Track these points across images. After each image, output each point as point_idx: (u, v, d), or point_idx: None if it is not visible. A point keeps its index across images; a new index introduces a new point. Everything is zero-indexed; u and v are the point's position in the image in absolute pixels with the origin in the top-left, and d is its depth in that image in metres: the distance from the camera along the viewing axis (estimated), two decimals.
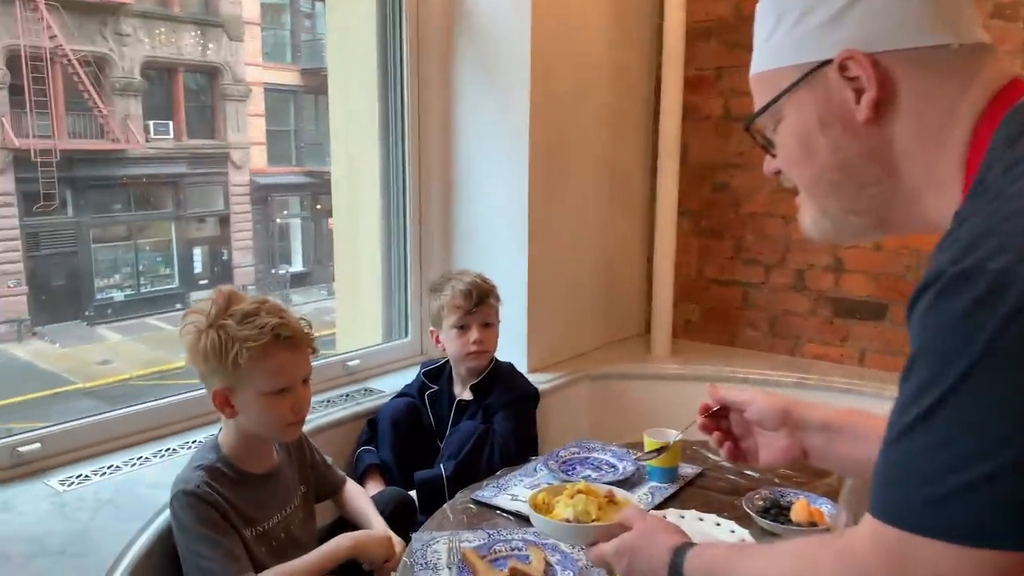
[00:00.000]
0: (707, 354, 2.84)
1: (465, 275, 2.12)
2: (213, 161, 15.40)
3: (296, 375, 1.52)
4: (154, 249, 15.45)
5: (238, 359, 1.42)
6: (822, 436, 1.07)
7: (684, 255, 2.90)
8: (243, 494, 1.52)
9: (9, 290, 12.89)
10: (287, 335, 1.47)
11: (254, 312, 1.47)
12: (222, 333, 1.43)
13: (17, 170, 12.40)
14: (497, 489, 1.74)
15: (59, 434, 1.77)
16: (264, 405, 1.48)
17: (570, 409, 2.55)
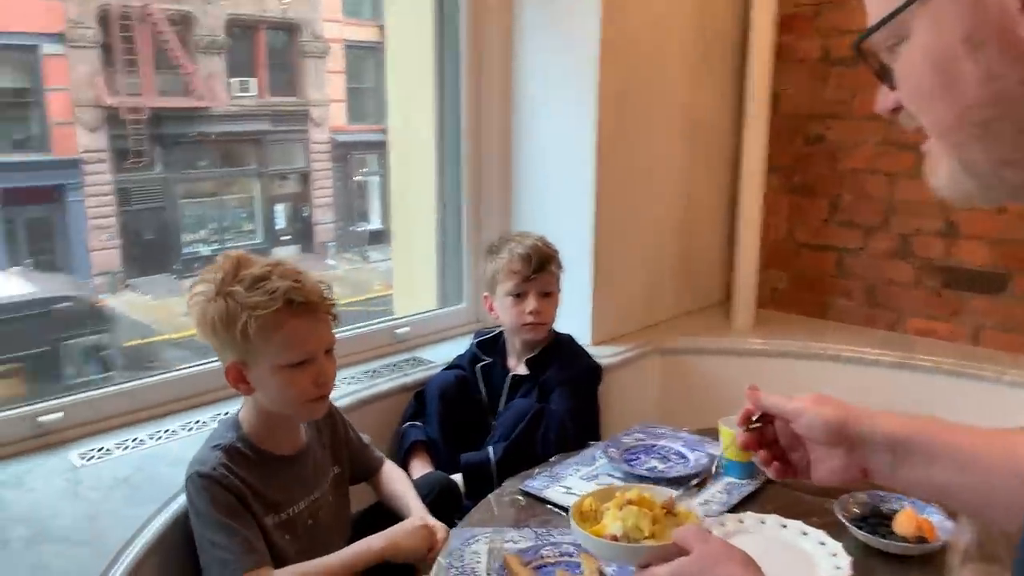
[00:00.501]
0: (794, 327, 2.56)
1: (526, 238, 1.91)
2: (294, 119, 15.55)
3: (315, 345, 1.35)
4: (238, 205, 15.76)
5: (247, 329, 1.27)
6: (887, 456, 0.86)
7: (772, 216, 2.62)
8: (265, 477, 1.37)
9: (103, 243, 13.39)
10: (300, 300, 1.31)
11: (264, 276, 1.30)
12: (230, 301, 1.29)
13: (109, 127, 12.75)
14: (550, 479, 1.55)
15: (82, 404, 1.65)
16: (281, 380, 1.33)
17: (637, 387, 2.32)
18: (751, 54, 2.41)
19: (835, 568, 1.25)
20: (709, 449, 1.68)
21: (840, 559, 1.27)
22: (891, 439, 0.85)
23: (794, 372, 2.34)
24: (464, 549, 1.32)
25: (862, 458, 0.87)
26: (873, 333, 2.50)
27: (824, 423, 0.88)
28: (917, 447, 0.83)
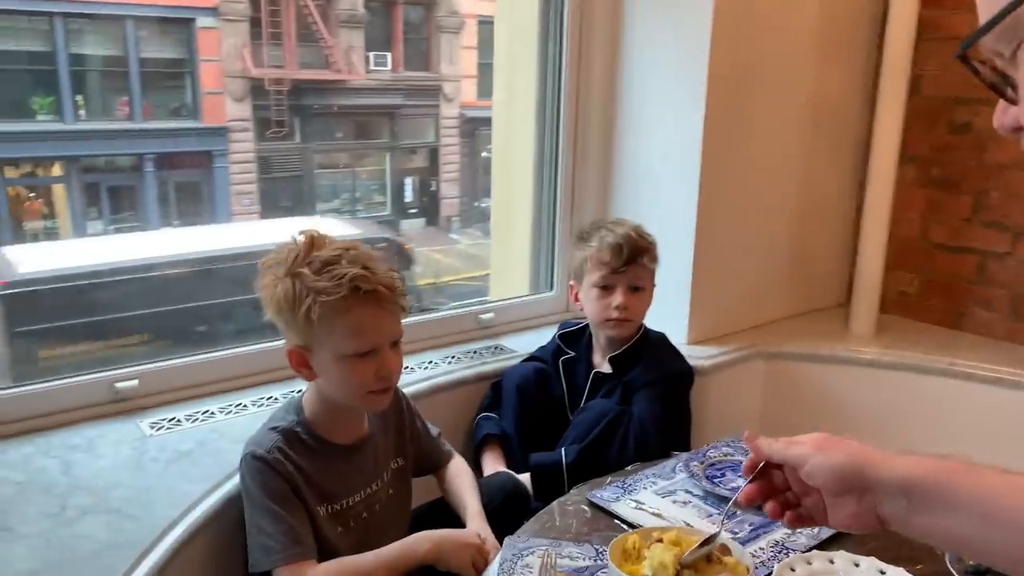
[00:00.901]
0: (921, 336, 2.30)
1: (619, 226, 1.77)
2: (426, 93, 15.83)
3: (380, 336, 1.29)
4: (369, 178, 16.25)
5: (311, 314, 1.22)
6: (902, 503, 0.77)
7: (904, 211, 2.35)
8: (321, 466, 1.32)
9: (244, 208, 14.11)
10: (368, 289, 1.24)
11: (334, 260, 1.25)
12: (297, 283, 1.23)
13: (254, 98, 13.37)
14: (620, 490, 1.43)
15: (157, 372, 1.66)
16: (343, 370, 1.27)
17: (736, 395, 2.14)
18: (889, 29, 2.15)
19: None
20: None
21: None
22: (905, 483, 0.76)
23: (917, 388, 2.09)
24: (516, 562, 1.22)
25: (875, 506, 0.79)
26: (1016, 350, 2.20)
27: (831, 470, 0.81)
28: (935, 493, 0.74)
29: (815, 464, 0.83)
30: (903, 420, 2.10)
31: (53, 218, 12.39)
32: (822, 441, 0.85)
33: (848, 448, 0.82)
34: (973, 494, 0.73)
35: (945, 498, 0.74)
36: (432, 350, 2.00)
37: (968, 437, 2.00)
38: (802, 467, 0.84)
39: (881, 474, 0.78)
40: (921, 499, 0.75)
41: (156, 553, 1.19)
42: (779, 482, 0.89)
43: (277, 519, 1.24)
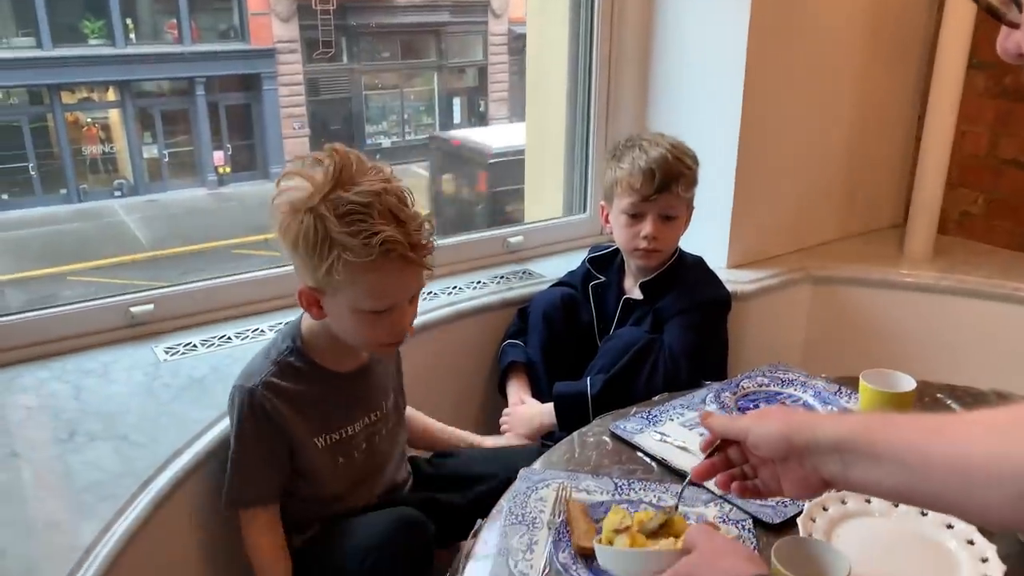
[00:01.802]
0: (983, 260, 2.13)
1: (656, 144, 1.62)
2: (473, 9, 15.49)
3: (402, 295, 1.20)
4: (417, 98, 16.13)
5: (333, 268, 1.11)
6: (837, 461, 0.79)
7: (971, 123, 2.16)
8: (319, 394, 1.26)
9: (294, 132, 14.13)
10: (401, 253, 1.12)
11: (364, 210, 1.10)
12: (319, 226, 1.10)
13: (300, 18, 13.21)
14: (645, 421, 1.36)
15: (173, 297, 1.63)
16: (356, 322, 1.19)
17: (779, 321, 2.02)
18: None
19: None
20: (846, 404, 1.41)
21: (992, 567, 1.00)
22: (834, 443, 0.79)
23: (978, 315, 1.95)
24: (530, 494, 1.17)
25: (815, 467, 0.81)
26: None
27: (768, 438, 0.85)
28: (862, 448, 0.77)
29: (755, 434, 0.85)
30: (959, 349, 1.97)
31: (110, 142, 12.60)
32: (761, 413, 0.90)
33: (782, 415, 0.86)
34: (892, 445, 0.75)
35: (869, 453, 0.76)
36: (458, 275, 1.93)
37: None
38: (747, 438, 0.87)
39: (815, 436, 0.80)
40: (851, 456, 0.78)
41: (159, 481, 1.17)
42: (737, 458, 0.92)
43: (240, 458, 1.22)
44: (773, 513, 1.12)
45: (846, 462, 0.78)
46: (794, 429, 0.82)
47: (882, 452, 0.75)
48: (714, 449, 0.93)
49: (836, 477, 0.80)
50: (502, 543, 1.06)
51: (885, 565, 1.02)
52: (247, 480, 1.22)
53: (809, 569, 0.90)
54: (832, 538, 1.07)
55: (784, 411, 0.90)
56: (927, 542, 1.07)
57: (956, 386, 1.47)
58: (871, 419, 0.82)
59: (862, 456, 0.77)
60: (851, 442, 0.78)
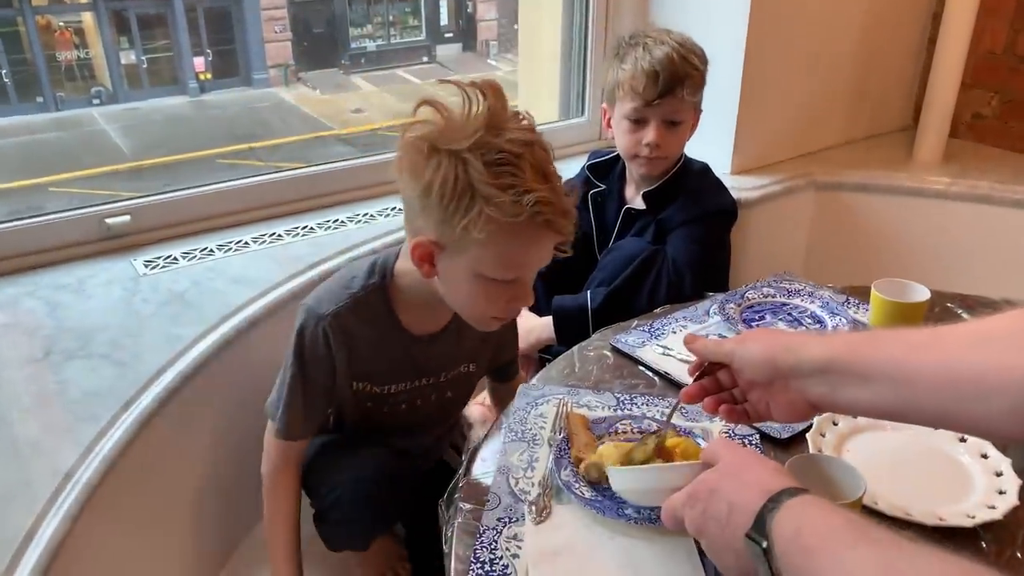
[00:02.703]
0: (995, 164, 2.06)
1: (661, 43, 1.50)
2: None
3: (534, 265, 1.05)
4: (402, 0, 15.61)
5: (472, 225, 0.94)
6: (823, 383, 0.77)
7: (988, 18, 2.05)
8: (375, 346, 1.15)
9: (276, 35, 13.67)
10: (549, 218, 0.97)
11: (516, 161, 0.94)
12: (461, 173, 0.94)
13: None
14: (647, 334, 1.31)
15: (151, 207, 1.54)
16: (475, 289, 1.03)
17: (782, 230, 1.96)
18: None
19: (997, 492, 0.96)
20: (854, 314, 1.36)
21: (1006, 481, 0.97)
22: (819, 364, 0.77)
23: (988, 222, 1.89)
24: (529, 411, 1.12)
25: (801, 391, 0.79)
26: None
27: (752, 362, 0.82)
28: (848, 368, 0.75)
29: (739, 358, 0.83)
30: (968, 257, 1.91)
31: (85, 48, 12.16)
32: (746, 335, 0.86)
33: (767, 338, 0.83)
34: (879, 363, 0.73)
35: (857, 372, 0.74)
36: None
37: None
38: (732, 362, 0.85)
39: (800, 358, 0.78)
40: (839, 377, 0.75)
41: (142, 402, 1.11)
42: (727, 381, 0.89)
43: (290, 390, 1.13)
44: (781, 428, 1.08)
45: (832, 384, 0.76)
46: (778, 352, 0.80)
47: (869, 371, 0.73)
48: (703, 372, 0.90)
49: (823, 399, 0.77)
50: (502, 460, 1.02)
51: (897, 479, 0.99)
52: (293, 414, 1.14)
53: (824, 487, 0.86)
54: (842, 453, 1.04)
55: (768, 333, 0.88)
56: (939, 455, 1.03)
57: (967, 295, 1.42)
58: (856, 338, 0.79)
59: (848, 376, 0.74)
60: (836, 362, 0.75)
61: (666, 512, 0.76)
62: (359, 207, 1.73)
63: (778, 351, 0.80)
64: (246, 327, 1.31)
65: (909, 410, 0.72)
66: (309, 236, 1.59)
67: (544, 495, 0.96)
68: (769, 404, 0.83)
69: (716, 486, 0.71)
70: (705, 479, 0.73)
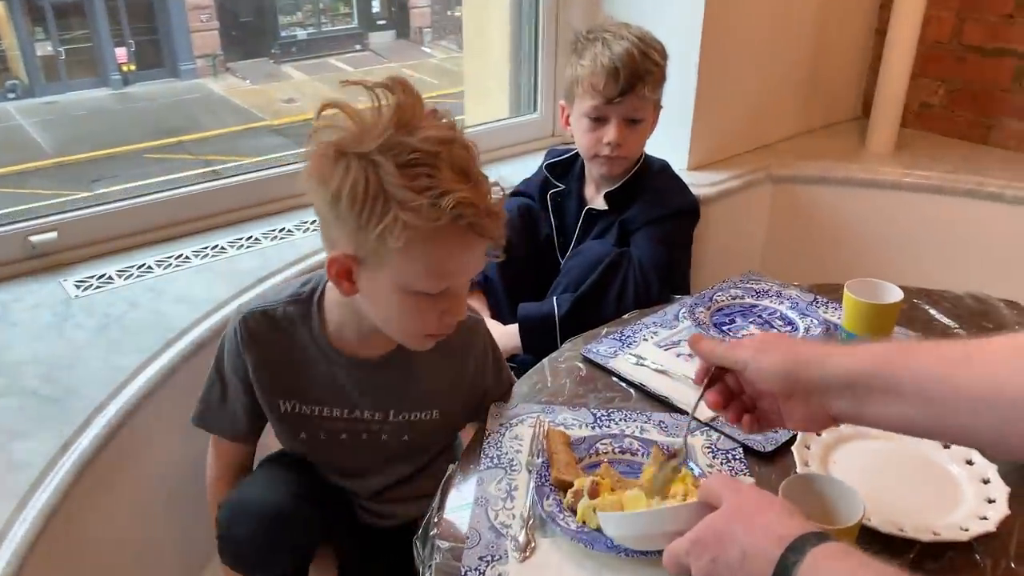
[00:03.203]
0: (945, 152, 2.08)
1: (621, 38, 1.45)
2: None
3: (463, 275, 0.97)
4: None
5: (387, 234, 0.86)
6: (848, 398, 0.74)
7: (936, 8, 2.06)
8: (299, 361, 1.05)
9: (202, 24, 13.24)
10: (472, 221, 0.88)
11: (431, 160, 0.86)
12: (372, 176, 0.85)
13: None
14: (618, 343, 1.26)
15: (79, 222, 1.43)
16: (402, 304, 0.94)
17: (740, 224, 1.94)
18: None
19: (986, 500, 0.94)
20: (825, 315, 1.34)
21: (993, 488, 0.95)
22: (846, 379, 0.74)
23: (942, 212, 1.90)
24: (503, 432, 1.07)
25: (822, 404, 0.76)
26: None
27: (770, 373, 0.78)
28: (877, 383, 0.72)
29: (755, 368, 0.79)
30: (924, 247, 1.92)
31: None
32: (761, 343, 0.81)
33: (785, 349, 0.79)
34: (915, 378, 0.70)
35: (887, 387, 0.71)
36: None
37: (995, 263, 1.83)
38: (745, 371, 0.81)
39: (824, 372, 0.75)
40: (866, 391, 0.73)
41: (82, 443, 1.02)
42: (734, 386, 0.85)
43: (209, 380, 1.09)
44: (764, 441, 1.04)
45: (860, 398, 0.73)
46: (800, 364, 0.76)
47: (900, 386, 0.70)
48: (712, 377, 0.85)
49: (847, 413, 0.74)
50: (479, 491, 0.96)
51: (887, 490, 0.96)
52: (211, 404, 1.09)
53: (820, 509, 0.82)
54: (829, 465, 1.01)
55: (782, 341, 0.82)
56: (926, 463, 1.01)
57: (932, 290, 1.42)
58: (884, 350, 0.74)
59: (877, 392, 0.71)
60: (868, 375, 0.72)
61: (669, 559, 0.71)
62: (306, 213, 1.64)
63: (799, 365, 0.76)
64: (193, 352, 1.22)
65: (945, 427, 0.70)
66: (255, 247, 1.50)
67: (527, 528, 0.90)
68: (783, 414, 0.80)
69: (725, 530, 0.67)
70: (711, 523, 0.68)
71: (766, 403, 0.82)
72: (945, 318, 1.33)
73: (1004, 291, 1.40)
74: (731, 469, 1.00)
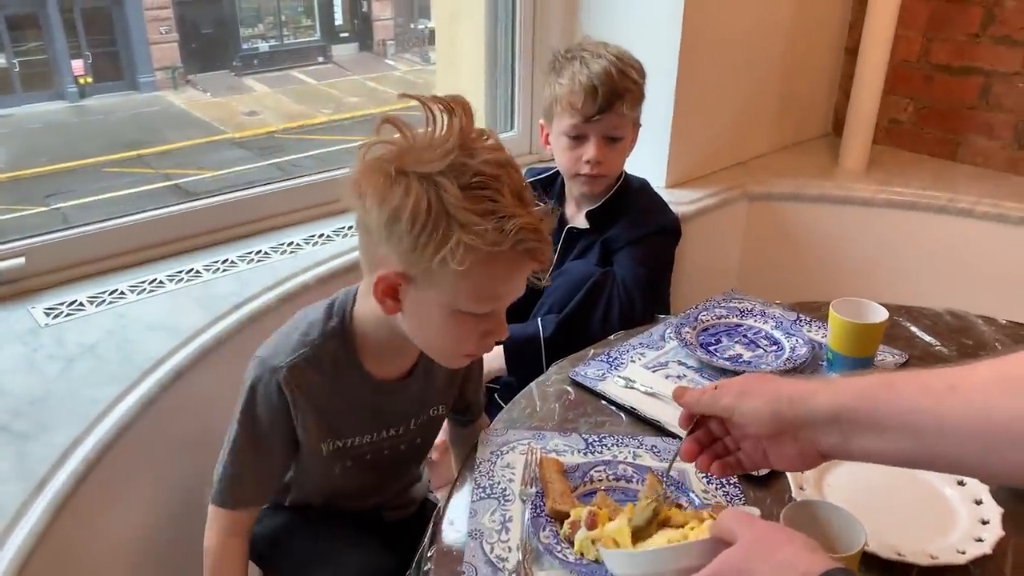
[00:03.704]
0: (915, 169, 2.11)
1: (599, 56, 1.45)
2: None
3: (511, 296, 0.95)
4: None
5: (449, 256, 0.84)
6: (835, 433, 0.74)
7: (904, 28, 2.09)
8: (341, 398, 1.03)
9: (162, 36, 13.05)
10: (531, 246, 0.87)
11: (494, 184, 0.85)
12: (435, 198, 0.84)
13: None
14: (606, 365, 1.25)
15: (48, 247, 1.38)
16: (446, 324, 0.93)
17: (716, 241, 1.94)
18: None
19: (980, 521, 0.95)
20: (810, 333, 1.34)
21: (986, 509, 0.96)
22: (832, 414, 0.74)
23: (916, 227, 1.93)
24: (495, 461, 1.05)
25: (811, 441, 0.76)
26: (1018, 182, 2.04)
27: (756, 419, 0.78)
28: (862, 416, 0.72)
29: (741, 413, 0.79)
30: (896, 261, 1.95)
31: None
32: (744, 385, 0.81)
33: (770, 390, 0.78)
34: (899, 410, 0.70)
35: (872, 420, 0.72)
36: None
37: (968, 278, 1.86)
38: (731, 417, 0.81)
39: (809, 409, 0.75)
40: (852, 426, 0.73)
41: (57, 481, 0.97)
42: (717, 430, 0.85)
43: (237, 451, 1.00)
44: None
45: (845, 433, 0.73)
46: (784, 403, 0.76)
47: (885, 419, 0.70)
48: (695, 424, 0.86)
49: (835, 449, 0.75)
50: (473, 523, 0.94)
51: (882, 513, 0.96)
52: (241, 479, 1.01)
53: (822, 536, 0.81)
54: (823, 486, 1.01)
55: (763, 382, 0.80)
56: (920, 485, 1.02)
57: (912, 307, 1.43)
58: (866, 383, 0.74)
59: (865, 425, 0.72)
60: (852, 410, 0.72)
61: None
62: (282, 235, 1.60)
63: (783, 404, 0.76)
64: (171, 381, 1.17)
65: (932, 458, 0.69)
66: (231, 271, 1.46)
67: (524, 562, 0.89)
68: (768, 454, 0.80)
69: (743, 567, 0.65)
70: (728, 559, 0.67)
71: (749, 445, 0.82)
72: (926, 335, 1.34)
73: (979, 305, 1.42)
74: (726, 494, 0.99)
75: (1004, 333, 1.35)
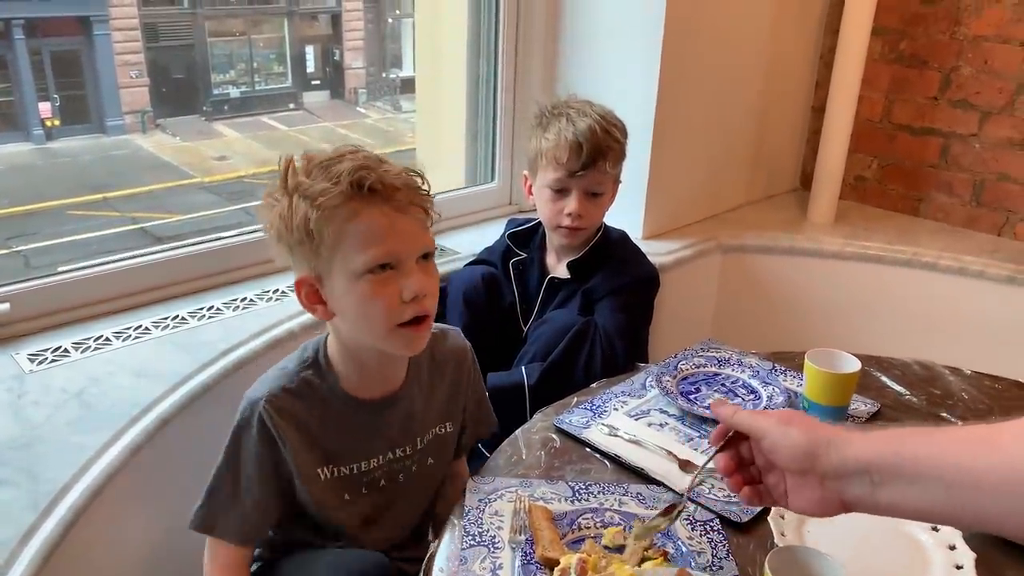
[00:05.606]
0: (880, 224, 2.19)
1: (584, 115, 1.50)
2: None
3: (398, 243, 0.97)
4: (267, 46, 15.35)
5: (308, 223, 0.95)
6: (864, 484, 0.74)
7: (867, 90, 2.19)
8: (333, 422, 1.06)
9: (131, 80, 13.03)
10: (375, 186, 0.95)
11: (335, 159, 0.98)
12: (295, 196, 0.97)
13: None
14: (590, 413, 1.28)
15: (33, 292, 1.38)
16: (360, 293, 0.97)
17: (691, 292, 1.99)
18: None
19: (954, 567, 0.98)
20: (785, 383, 1.38)
21: (960, 555, 0.99)
22: (864, 465, 0.74)
23: (883, 279, 2.00)
24: (483, 509, 1.06)
25: (837, 490, 0.76)
26: (975, 237, 2.13)
27: (790, 446, 0.78)
28: (896, 467, 0.72)
29: (775, 439, 0.80)
30: (864, 312, 2.01)
31: None
32: (786, 415, 0.82)
33: (808, 426, 0.79)
34: (932, 463, 0.70)
35: (906, 471, 0.71)
36: None
37: (933, 330, 1.93)
38: (763, 440, 0.81)
39: (844, 457, 0.75)
40: (884, 476, 0.73)
41: (45, 529, 0.97)
42: (746, 454, 0.86)
43: (218, 479, 1.03)
44: (741, 512, 1.06)
45: (875, 483, 0.72)
46: (820, 444, 0.76)
47: (918, 471, 0.70)
48: (726, 442, 0.86)
49: (862, 500, 0.74)
50: (463, 571, 0.95)
51: (861, 559, 0.99)
52: (218, 506, 1.03)
53: None
54: (803, 533, 1.04)
55: (807, 420, 0.81)
56: (895, 532, 1.04)
57: (881, 358, 1.48)
58: (899, 436, 0.75)
59: (897, 476, 0.71)
60: (879, 462, 0.72)
61: None
62: (267, 282, 1.62)
63: (821, 445, 0.76)
64: (158, 428, 1.17)
65: (964, 513, 0.69)
66: (216, 318, 1.47)
67: None
68: (788, 492, 0.80)
69: None
70: None
71: (773, 478, 0.83)
72: (896, 384, 1.39)
73: (943, 355, 1.47)
74: (710, 541, 1.02)
75: (970, 383, 1.39)
